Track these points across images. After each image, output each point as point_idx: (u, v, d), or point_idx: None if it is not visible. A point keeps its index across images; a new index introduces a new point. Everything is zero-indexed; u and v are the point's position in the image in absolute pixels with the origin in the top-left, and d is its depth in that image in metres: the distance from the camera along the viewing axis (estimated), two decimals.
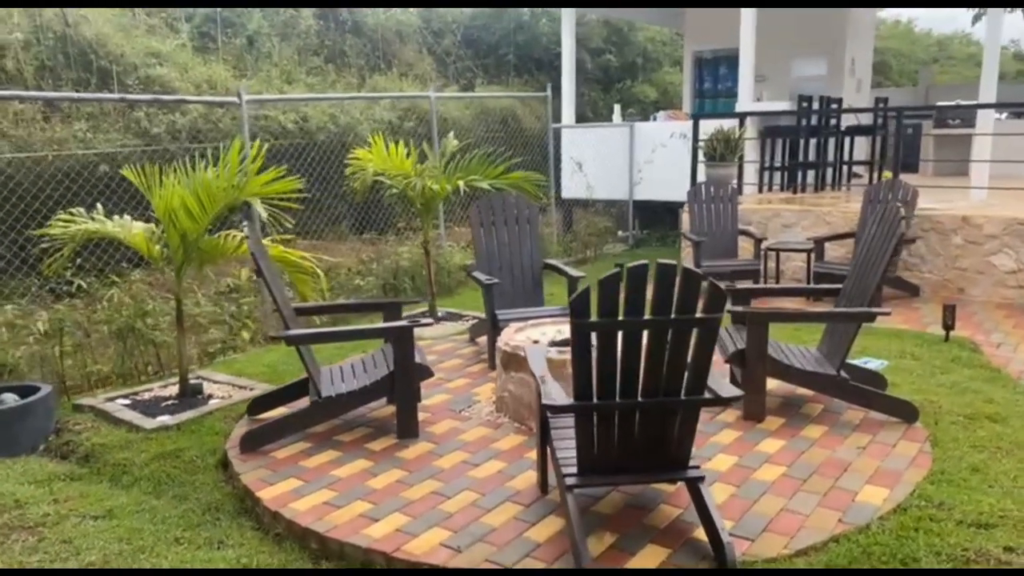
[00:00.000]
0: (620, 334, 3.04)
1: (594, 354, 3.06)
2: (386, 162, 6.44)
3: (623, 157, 11.52)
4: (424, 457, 4.23)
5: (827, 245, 8.44)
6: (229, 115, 12.14)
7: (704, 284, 3.02)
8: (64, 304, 5.85)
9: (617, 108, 12.57)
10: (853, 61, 13.80)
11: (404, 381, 4.39)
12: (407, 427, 4.45)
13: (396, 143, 6.58)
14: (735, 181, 9.71)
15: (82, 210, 5.34)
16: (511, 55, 19.04)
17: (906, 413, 4.56)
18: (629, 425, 3.24)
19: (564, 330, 5.10)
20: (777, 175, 10.97)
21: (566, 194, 12.03)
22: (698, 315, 3.03)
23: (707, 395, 3.20)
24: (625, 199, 11.76)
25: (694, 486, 3.35)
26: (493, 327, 5.60)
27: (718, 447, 4.29)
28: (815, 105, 10.70)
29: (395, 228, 11.30)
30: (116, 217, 5.35)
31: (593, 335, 3.04)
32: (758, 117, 10.77)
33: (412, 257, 8.36)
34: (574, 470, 3.35)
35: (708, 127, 9.64)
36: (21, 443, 4.69)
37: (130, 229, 5.22)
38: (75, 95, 8.86)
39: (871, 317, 4.48)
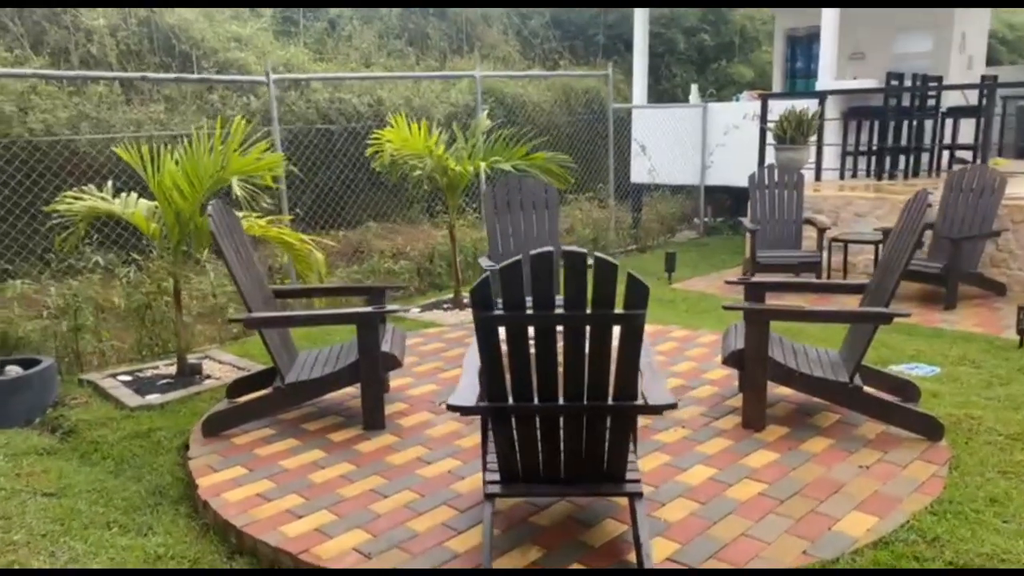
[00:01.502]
0: (531, 330, 2.71)
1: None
2: (405, 142, 6.24)
3: (695, 140, 10.92)
4: (380, 451, 4.01)
5: None
6: (303, 98, 12.23)
7: (626, 277, 2.65)
8: (80, 280, 5.95)
9: (694, 88, 11.92)
10: (964, 36, 12.58)
11: (368, 370, 4.18)
12: (372, 418, 4.24)
13: (418, 123, 6.34)
14: (812, 165, 9.02)
15: (92, 187, 5.40)
16: (600, 35, 18.52)
17: (929, 429, 3.99)
18: (553, 431, 2.91)
19: None
20: (864, 160, 10.12)
21: (636, 178, 11.52)
22: (618, 311, 2.67)
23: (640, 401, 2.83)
24: (697, 184, 11.16)
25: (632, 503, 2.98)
26: None
27: (700, 457, 3.87)
28: (907, 83, 9.79)
29: (433, 212, 11.09)
30: (124, 195, 5.38)
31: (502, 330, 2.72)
32: (842, 97, 9.96)
33: (448, 242, 8.14)
34: (498, 477, 3.05)
35: (784, 108, 8.95)
36: (14, 415, 4.77)
37: (132, 207, 5.22)
38: (95, 74, 9.01)
39: (884, 318, 3.93)
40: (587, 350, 2.73)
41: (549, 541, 3.13)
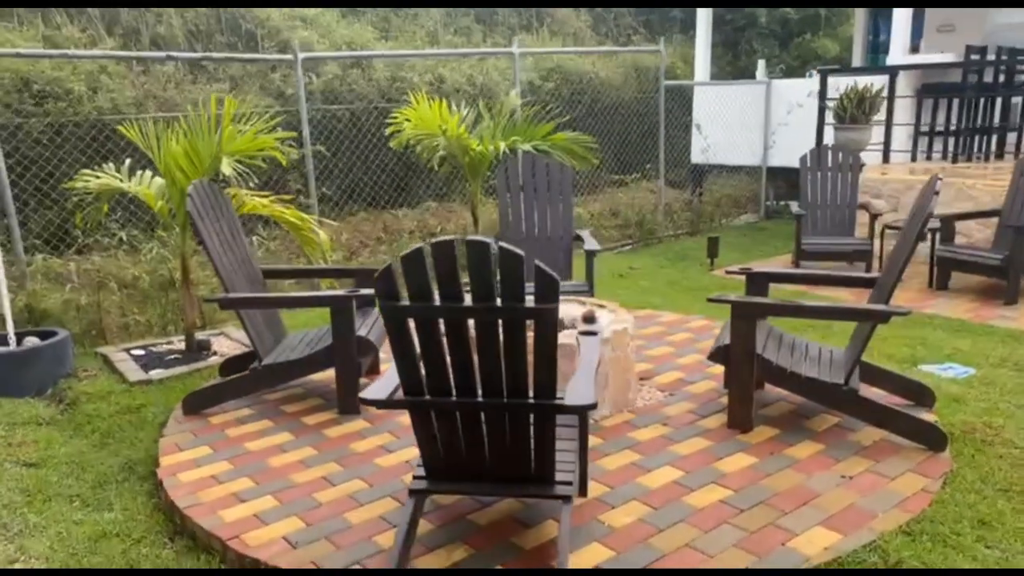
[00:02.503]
0: (442, 323, 2.58)
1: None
2: (421, 121, 6.14)
3: (758, 119, 10.42)
4: (346, 438, 3.96)
5: (970, 225, 7.14)
6: (364, 76, 12.26)
7: (534, 269, 2.48)
8: (104, 256, 6.14)
9: (761, 64, 11.37)
10: None
11: (342, 354, 4.13)
12: (346, 403, 4.19)
13: (439, 101, 6.22)
14: (877, 146, 8.45)
15: (111, 165, 5.53)
16: (677, 11, 17.92)
17: (930, 439, 3.65)
18: (474, 428, 2.77)
19: (564, 310, 4.58)
20: (941, 141, 9.42)
21: (697, 158, 11.11)
22: (529, 304, 2.50)
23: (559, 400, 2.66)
24: (758, 165, 10.66)
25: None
26: None
27: (671, 458, 3.65)
28: (990, 56, 9.03)
29: (465, 193, 10.94)
30: (140, 173, 5.48)
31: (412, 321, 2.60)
32: (917, 73, 9.29)
33: (484, 223, 8.02)
34: (424, 472, 2.94)
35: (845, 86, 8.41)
36: (27, 385, 4.94)
37: (144, 186, 5.32)
38: (120, 54, 9.18)
39: (878, 316, 3.60)
40: (501, 345, 2.57)
41: (481, 541, 3.01)
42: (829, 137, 8.46)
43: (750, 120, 10.45)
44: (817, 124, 8.62)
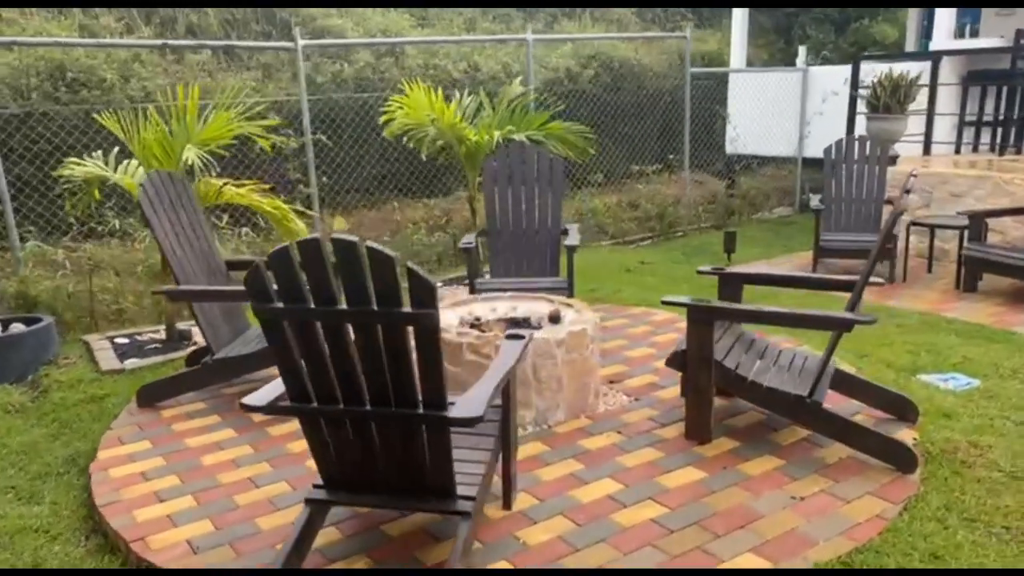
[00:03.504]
0: (319, 326, 2.43)
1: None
2: (414, 111, 5.99)
3: (794, 107, 9.97)
4: (286, 437, 3.86)
5: (1006, 222, 6.67)
6: (398, 64, 12.18)
7: (407, 272, 2.30)
8: (96, 243, 6.19)
9: (802, 50, 10.87)
10: None
11: None
12: None
13: (428, 89, 6.07)
14: (915, 137, 7.96)
15: (99, 154, 5.54)
16: None
17: (899, 459, 3.35)
18: (366, 438, 2.62)
19: (530, 307, 4.42)
20: (987, 132, 8.86)
21: (730, 148, 10.71)
22: (407, 309, 2.33)
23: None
24: (793, 155, 10.21)
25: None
26: None
27: (614, 469, 3.44)
28: None
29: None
30: (127, 162, 5.48)
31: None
32: (962, 60, 8.73)
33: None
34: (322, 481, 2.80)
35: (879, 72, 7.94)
36: (7, 372, 4.98)
37: (130, 175, 5.31)
38: (108, 42, 9.19)
39: (839, 324, 3.31)
40: (383, 352, 2.41)
41: (384, 554, 2.86)
42: (862, 127, 8.00)
43: (786, 109, 10.00)
44: (848, 113, 8.17)
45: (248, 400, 2.57)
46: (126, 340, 5.49)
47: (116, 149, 5.60)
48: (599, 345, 4.16)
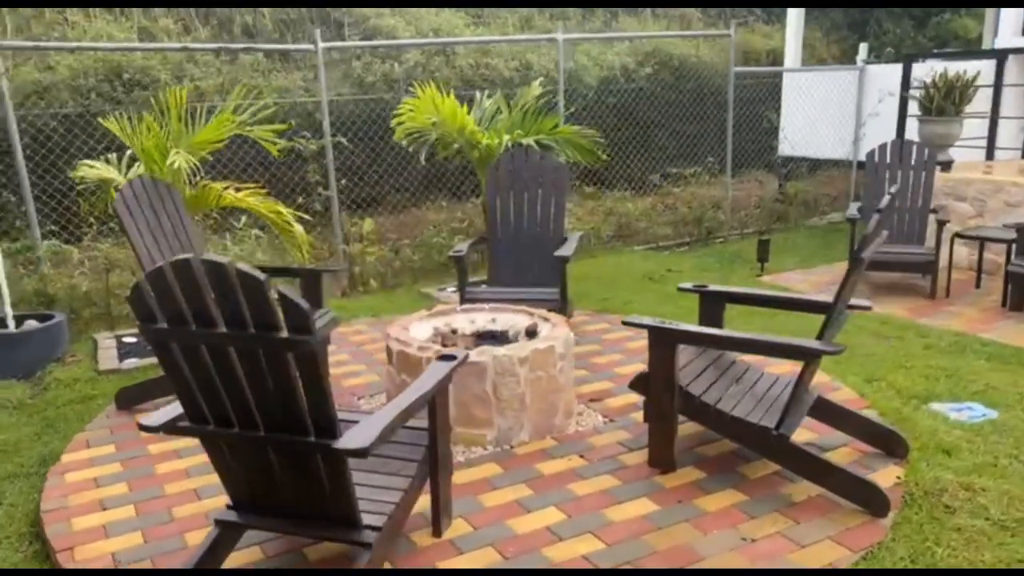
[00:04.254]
0: (204, 349, 2.36)
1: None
2: (418, 114, 5.90)
3: (849, 108, 9.47)
4: None
5: None
6: (448, 64, 12.14)
7: (278, 297, 2.20)
8: (118, 243, 6.33)
9: (863, 48, 10.33)
10: None
11: None
12: None
13: (430, 92, 5.96)
14: (976, 141, 7.44)
15: (113, 156, 5.67)
16: None
17: (870, 501, 3.08)
18: (265, 463, 2.54)
19: (510, 320, 4.28)
20: None
21: (783, 151, 10.26)
22: (283, 335, 2.23)
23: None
24: (848, 159, 9.71)
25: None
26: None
27: (562, 498, 3.27)
28: None
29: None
30: (137, 165, 5.58)
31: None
32: None
33: None
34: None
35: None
36: (15, 367, 5.13)
37: (134, 177, 5.41)
38: (139, 46, 9.33)
39: (803, 354, 3.06)
40: (267, 376, 2.32)
41: None
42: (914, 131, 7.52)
43: (842, 109, 9.51)
44: (899, 116, 7.69)
45: (145, 420, 2.53)
46: (134, 339, 5.59)
47: (129, 152, 5.72)
48: (586, 359, 3.99)
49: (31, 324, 5.33)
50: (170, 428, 2.53)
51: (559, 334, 3.90)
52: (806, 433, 3.77)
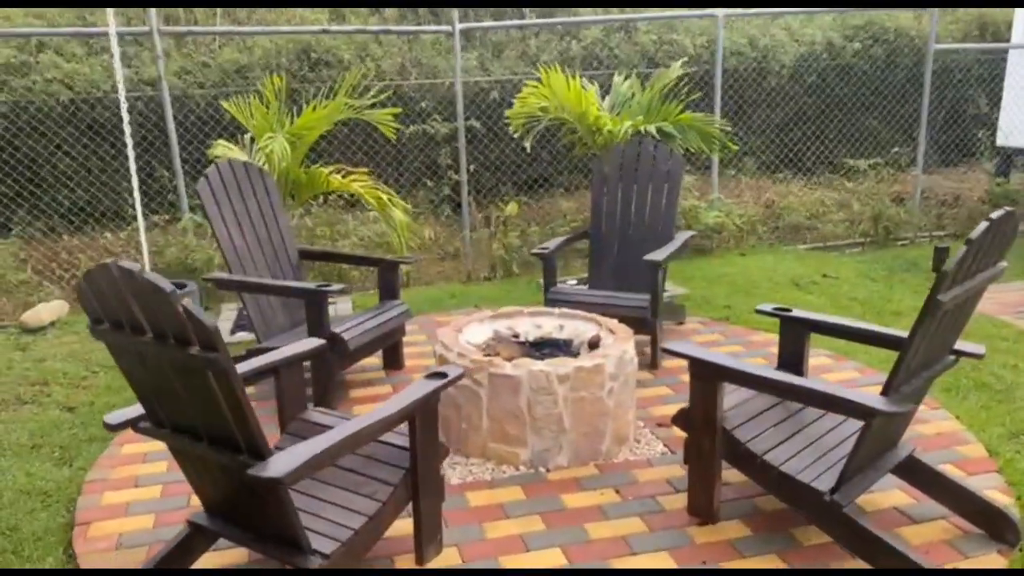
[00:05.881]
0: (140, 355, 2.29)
1: None
2: (527, 100, 5.61)
3: None
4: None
5: None
6: (630, 40, 11.70)
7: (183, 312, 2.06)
8: None
9: None
10: None
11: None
12: (321, 401, 4.03)
13: (548, 76, 5.62)
14: None
15: (247, 136, 5.91)
16: None
17: None
18: (215, 474, 2.46)
19: (577, 328, 3.96)
20: None
21: (1003, 141, 8.82)
22: (193, 350, 2.10)
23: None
24: None
25: None
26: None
27: (575, 538, 2.93)
28: None
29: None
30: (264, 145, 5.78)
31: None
32: None
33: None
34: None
35: None
36: None
37: (255, 156, 5.60)
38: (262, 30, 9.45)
39: (859, 413, 2.48)
40: (187, 389, 2.22)
41: None
42: None
43: None
44: None
45: (107, 418, 2.52)
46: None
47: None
48: (675, 375, 3.56)
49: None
50: (133, 427, 2.51)
51: (615, 352, 3.51)
52: (898, 496, 3.14)
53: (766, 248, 7.47)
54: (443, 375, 2.75)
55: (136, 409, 2.53)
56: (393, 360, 4.58)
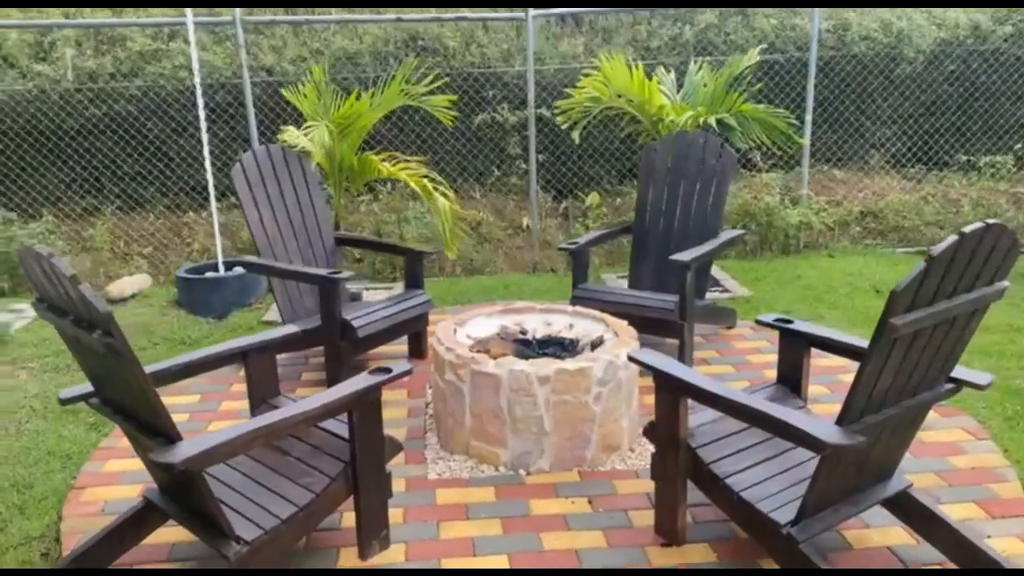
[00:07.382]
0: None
1: None
2: (582, 88, 5.43)
3: None
4: None
5: None
6: (747, 26, 11.20)
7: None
8: None
9: None
10: None
11: (325, 336, 4.03)
12: (333, 383, 4.08)
13: (634, 64, 5.41)
14: None
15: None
16: None
17: None
18: (143, 452, 2.53)
19: (587, 328, 3.83)
20: None
21: None
22: (96, 333, 2.15)
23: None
24: None
25: None
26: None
27: (529, 546, 2.83)
28: None
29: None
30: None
31: None
32: None
33: (743, 202, 6.79)
34: None
35: None
36: (213, 308, 5.81)
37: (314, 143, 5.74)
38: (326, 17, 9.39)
39: (809, 443, 2.24)
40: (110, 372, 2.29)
41: None
42: None
43: None
44: None
45: (63, 392, 2.64)
46: None
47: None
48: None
49: (237, 271, 5.96)
50: (85, 401, 2.62)
51: (605, 355, 3.34)
52: (898, 535, 2.83)
53: (860, 250, 6.94)
54: (388, 370, 2.71)
55: (89, 385, 2.65)
56: (417, 349, 4.59)
